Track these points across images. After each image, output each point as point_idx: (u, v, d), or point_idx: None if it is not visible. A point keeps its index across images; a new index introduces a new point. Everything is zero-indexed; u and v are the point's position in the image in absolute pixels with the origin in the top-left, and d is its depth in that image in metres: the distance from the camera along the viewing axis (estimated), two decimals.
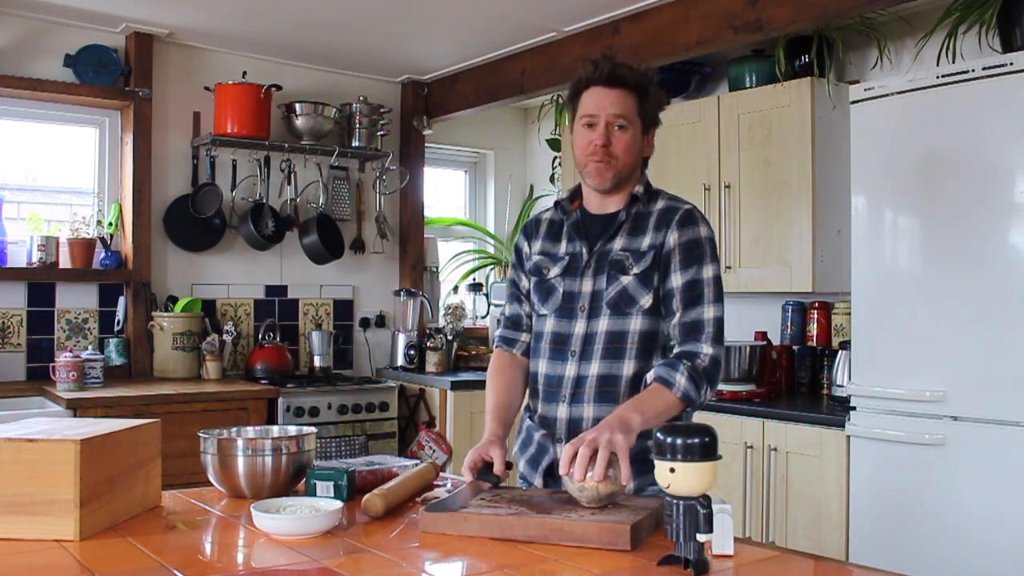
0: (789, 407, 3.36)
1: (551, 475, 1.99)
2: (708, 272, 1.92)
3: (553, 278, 2.03)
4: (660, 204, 1.99)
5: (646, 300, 1.93)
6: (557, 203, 2.10)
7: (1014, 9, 3.04)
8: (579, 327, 1.97)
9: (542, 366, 2.03)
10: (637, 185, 2.00)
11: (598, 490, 1.61)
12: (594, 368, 1.94)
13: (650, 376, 1.88)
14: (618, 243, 1.97)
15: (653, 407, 1.80)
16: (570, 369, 1.97)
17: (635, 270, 1.93)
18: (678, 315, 1.90)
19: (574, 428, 1.93)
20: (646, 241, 1.95)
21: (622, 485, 1.63)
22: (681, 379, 1.83)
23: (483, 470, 1.87)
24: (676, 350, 1.90)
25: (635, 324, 1.93)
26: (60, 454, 1.54)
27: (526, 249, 2.13)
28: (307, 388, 4.07)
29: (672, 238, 1.93)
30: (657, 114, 2.00)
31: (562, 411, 1.97)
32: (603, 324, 1.94)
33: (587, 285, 1.97)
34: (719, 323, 1.90)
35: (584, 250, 2.00)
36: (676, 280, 1.91)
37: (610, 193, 1.99)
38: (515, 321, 2.15)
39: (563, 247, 2.04)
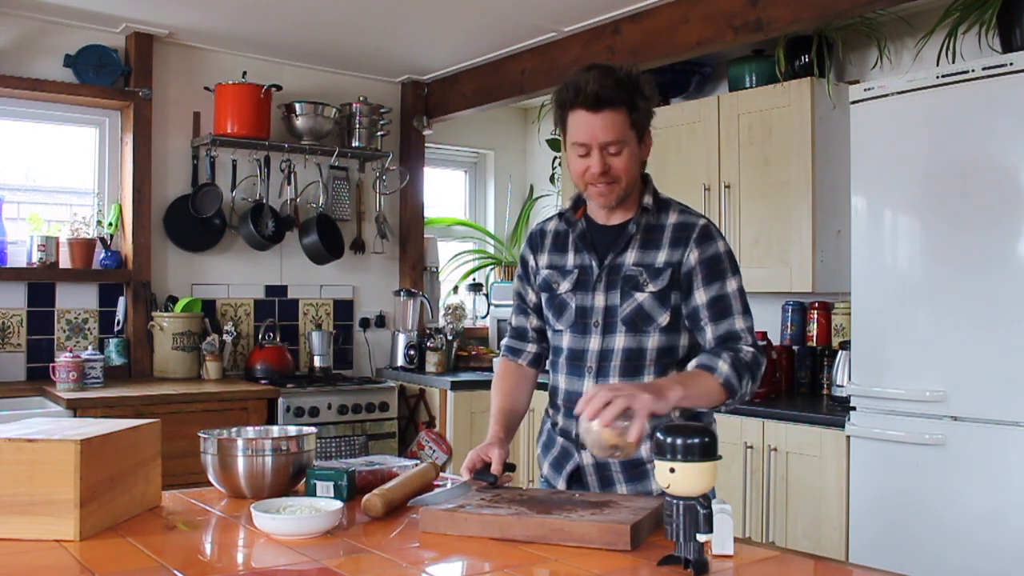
0: (789, 407, 3.36)
1: (576, 480, 2.00)
2: (732, 285, 1.90)
3: (564, 293, 2.00)
4: (673, 217, 1.95)
5: (663, 318, 1.91)
6: (560, 214, 2.07)
7: (1014, 9, 3.04)
8: (594, 343, 1.95)
9: (561, 381, 2.02)
10: (645, 195, 1.96)
11: (602, 436, 1.59)
12: None
13: (692, 364, 1.84)
14: (630, 257, 1.94)
15: (696, 386, 1.76)
16: (588, 386, 1.95)
17: (651, 288, 1.91)
18: (710, 330, 1.88)
19: None
20: (661, 257, 1.92)
21: (629, 442, 1.59)
22: (724, 365, 1.79)
23: (481, 470, 1.88)
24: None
25: (652, 341, 1.92)
26: (60, 454, 1.54)
27: (532, 263, 2.09)
28: (307, 388, 4.07)
29: (692, 256, 1.90)
30: (650, 112, 1.91)
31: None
32: (619, 341, 1.93)
33: (599, 300, 1.95)
34: (753, 332, 1.89)
35: (594, 263, 1.96)
36: (700, 297, 1.89)
37: (618, 206, 1.95)
38: (520, 332, 2.14)
39: (571, 259, 2.01)
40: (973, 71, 2.73)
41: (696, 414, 1.94)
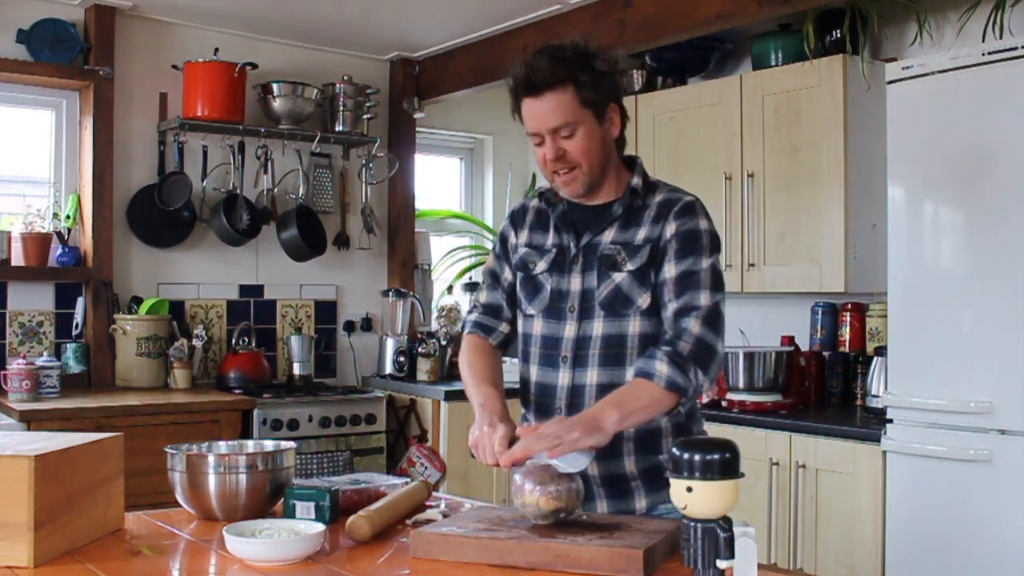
0: (819, 419, 3.37)
1: None
2: (705, 263, 1.90)
3: (540, 274, 2.03)
4: (659, 196, 1.98)
5: (643, 300, 1.93)
6: (541, 193, 2.10)
7: None
8: (569, 330, 1.97)
9: (533, 373, 2.03)
10: (634, 177, 1.99)
11: (539, 506, 1.65)
12: (592, 376, 1.94)
13: (630, 372, 1.87)
14: (608, 235, 1.96)
15: (636, 401, 1.79)
16: (563, 377, 1.96)
17: (629, 267, 1.93)
18: (671, 306, 1.89)
19: None
20: (641, 234, 1.95)
21: (572, 500, 1.67)
22: (661, 366, 1.80)
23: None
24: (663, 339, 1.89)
25: (634, 327, 1.93)
26: (12, 471, 1.54)
27: (512, 239, 2.13)
28: (286, 398, 4.08)
29: (669, 229, 1.92)
30: (609, 86, 1.93)
31: None
32: (598, 327, 1.94)
33: (575, 283, 1.98)
34: (713, 309, 1.88)
35: (571, 243, 2.00)
36: (670, 271, 1.91)
37: (592, 192, 1.98)
38: (493, 309, 2.13)
39: (550, 239, 2.05)
40: (1022, 47, 2.73)
41: (684, 423, 1.95)
